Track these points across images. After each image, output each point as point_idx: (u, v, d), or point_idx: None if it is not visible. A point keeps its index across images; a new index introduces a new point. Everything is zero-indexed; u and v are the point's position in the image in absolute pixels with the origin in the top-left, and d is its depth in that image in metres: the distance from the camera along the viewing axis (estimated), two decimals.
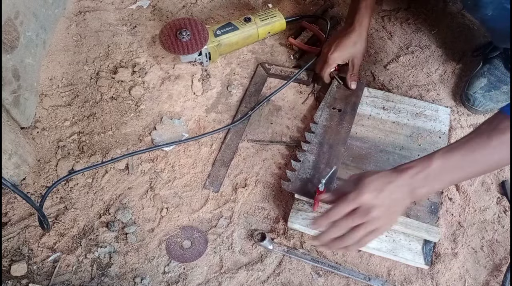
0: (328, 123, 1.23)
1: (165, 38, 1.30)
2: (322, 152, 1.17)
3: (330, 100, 1.28)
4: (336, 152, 1.17)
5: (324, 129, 1.22)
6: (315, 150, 1.18)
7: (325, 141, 1.19)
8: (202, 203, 1.17)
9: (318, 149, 1.18)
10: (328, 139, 1.20)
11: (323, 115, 1.24)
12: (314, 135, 1.21)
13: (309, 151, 1.18)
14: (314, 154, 1.17)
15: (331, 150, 1.17)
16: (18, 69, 1.20)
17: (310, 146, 1.19)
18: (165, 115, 1.30)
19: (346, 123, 1.23)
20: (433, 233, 1.05)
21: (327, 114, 1.25)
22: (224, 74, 1.39)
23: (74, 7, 1.51)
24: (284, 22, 1.43)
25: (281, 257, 1.09)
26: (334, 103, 1.27)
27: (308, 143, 1.19)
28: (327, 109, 1.26)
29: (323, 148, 1.18)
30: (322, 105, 1.26)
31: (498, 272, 1.07)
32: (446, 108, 1.28)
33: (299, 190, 1.10)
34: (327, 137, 1.20)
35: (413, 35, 1.46)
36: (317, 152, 1.17)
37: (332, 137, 1.20)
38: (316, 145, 1.19)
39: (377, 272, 1.07)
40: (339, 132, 1.21)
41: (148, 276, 1.06)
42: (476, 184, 1.18)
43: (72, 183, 1.18)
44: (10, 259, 1.07)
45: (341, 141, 1.19)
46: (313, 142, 1.19)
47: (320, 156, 1.17)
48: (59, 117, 1.29)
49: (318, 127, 1.22)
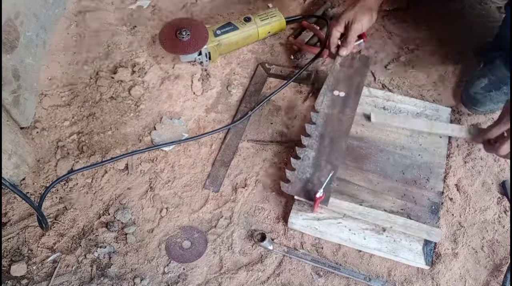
0: (330, 111, 1.17)
1: (165, 38, 1.30)
2: (322, 147, 1.13)
3: (332, 82, 1.21)
4: (337, 146, 1.13)
5: (326, 118, 1.17)
6: (316, 144, 1.13)
7: (326, 134, 1.14)
8: (202, 203, 1.16)
9: (319, 144, 1.13)
10: (330, 132, 1.15)
11: (325, 101, 1.19)
12: (315, 127, 1.16)
13: (309, 146, 1.13)
14: (315, 149, 1.13)
15: (332, 144, 1.13)
16: (18, 69, 1.20)
17: (310, 139, 1.14)
18: (164, 115, 1.30)
19: (348, 110, 1.18)
20: (433, 235, 1.05)
21: (329, 100, 1.19)
22: (224, 74, 1.39)
23: (74, 7, 1.51)
24: (284, 22, 1.43)
25: (281, 257, 1.09)
26: (337, 86, 1.21)
27: (308, 137, 1.15)
28: (329, 94, 1.20)
29: (324, 142, 1.13)
30: (324, 89, 1.21)
31: (498, 272, 1.07)
32: (447, 108, 1.28)
33: (299, 192, 1.08)
34: (328, 128, 1.15)
35: (413, 35, 1.46)
36: (317, 147, 1.13)
37: (333, 128, 1.15)
38: (317, 138, 1.14)
39: (378, 272, 1.07)
40: (342, 122, 1.16)
41: (148, 276, 1.06)
42: (476, 184, 1.18)
43: (71, 183, 1.18)
44: (10, 259, 1.07)
45: (343, 134, 1.14)
46: (313, 135, 1.15)
47: (321, 151, 1.12)
48: (59, 117, 1.28)
49: (319, 117, 1.17)
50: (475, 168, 1.20)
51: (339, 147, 1.13)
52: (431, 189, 1.14)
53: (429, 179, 1.16)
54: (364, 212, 1.07)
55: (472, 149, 1.23)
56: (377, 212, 1.07)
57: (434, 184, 1.15)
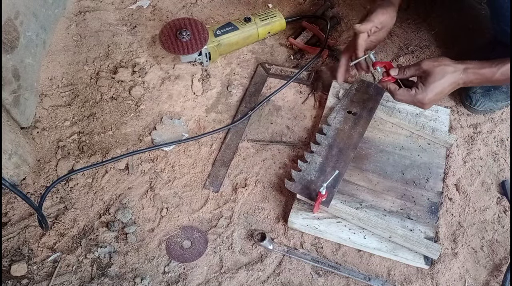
0: (341, 126, 1.21)
1: (165, 38, 1.30)
2: (330, 155, 1.16)
3: (346, 102, 1.25)
4: (344, 156, 1.15)
5: (336, 132, 1.20)
6: (324, 152, 1.16)
7: (335, 145, 1.17)
8: (202, 203, 1.17)
9: (327, 152, 1.16)
10: (339, 143, 1.18)
11: (338, 117, 1.22)
12: (325, 137, 1.19)
13: (317, 153, 1.16)
14: (322, 156, 1.15)
15: (340, 153, 1.16)
16: (18, 69, 1.20)
17: (319, 147, 1.17)
18: (165, 115, 1.30)
19: (360, 128, 1.21)
20: (432, 250, 1.05)
21: (341, 117, 1.22)
22: (224, 74, 1.39)
23: (74, 7, 1.51)
24: (284, 22, 1.43)
25: (281, 257, 1.09)
26: (351, 107, 1.24)
27: (317, 144, 1.18)
28: (342, 112, 1.23)
29: (332, 151, 1.16)
30: (338, 107, 1.24)
31: (498, 272, 1.07)
32: (446, 109, 1.28)
33: (302, 191, 1.10)
34: (338, 140, 1.18)
35: (413, 35, 1.46)
36: (325, 155, 1.16)
37: (343, 141, 1.18)
38: (326, 147, 1.17)
39: (377, 272, 1.07)
40: (351, 137, 1.19)
41: (148, 276, 1.06)
42: (476, 184, 1.18)
43: (72, 183, 1.18)
44: (10, 259, 1.07)
45: (352, 146, 1.17)
46: (323, 144, 1.18)
47: (328, 158, 1.15)
48: (59, 117, 1.29)
49: (330, 130, 1.20)
50: (474, 168, 1.20)
51: (347, 157, 1.15)
52: (430, 189, 1.15)
53: (429, 179, 1.16)
54: (365, 218, 1.08)
55: (472, 149, 1.23)
56: (376, 219, 1.08)
57: (434, 184, 1.15)
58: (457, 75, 1.07)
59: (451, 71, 1.07)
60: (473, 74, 1.07)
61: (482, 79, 1.07)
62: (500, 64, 1.05)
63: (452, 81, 1.07)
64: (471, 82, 1.08)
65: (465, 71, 1.07)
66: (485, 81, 1.08)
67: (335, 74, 1.23)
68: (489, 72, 1.05)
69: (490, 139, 1.25)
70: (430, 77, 1.07)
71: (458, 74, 1.07)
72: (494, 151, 1.23)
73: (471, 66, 1.07)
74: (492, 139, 1.25)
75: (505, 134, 1.26)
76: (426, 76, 1.08)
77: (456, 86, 1.09)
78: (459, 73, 1.07)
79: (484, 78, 1.07)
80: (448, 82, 1.07)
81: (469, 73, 1.07)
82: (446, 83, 1.07)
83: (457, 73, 1.07)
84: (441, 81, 1.07)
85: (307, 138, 1.25)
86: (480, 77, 1.07)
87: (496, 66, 1.05)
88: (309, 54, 1.41)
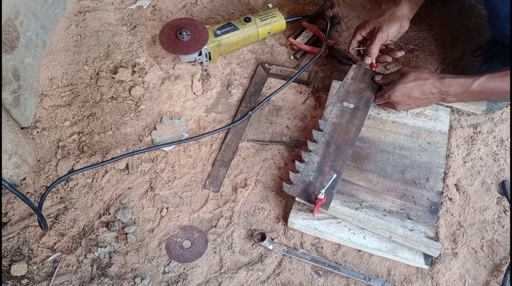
0: (338, 120, 1.18)
1: (165, 38, 1.30)
2: (328, 153, 1.14)
3: (342, 93, 1.22)
4: (342, 153, 1.14)
5: (333, 127, 1.17)
6: (321, 150, 1.14)
7: (333, 141, 1.16)
8: (202, 203, 1.17)
9: (324, 150, 1.14)
10: (336, 139, 1.16)
11: (334, 111, 1.20)
12: (322, 133, 1.17)
13: (314, 151, 1.14)
14: (320, 154, 1.14)
15: (337, 151, 1.14)
16: (18, 69, 1.20)
17: (316, 145, 1.15)
18: (165, 115, 1.30)
19: (357, 121, 1.18)
20: (432, 248, 1.05)
21: (338, 110, 1.20)
22: (224, 74, 1.39)
23: (74, 7, 1.51)
24: (284, 22, 1.43)
25: (281, 257, 1.09)
26: (347, 97, 1.22)
27: (314, 142, 1.16)
28: (338, 104, 1.21)
29: (329, 149, 1.15)
30: (334, 99, 1.21)
31: (498, 272, 1.07)
32: (446, 108, 1.28)
33: (301, 194, 1.09)
34: (335, 136, 1.16)
35: (413, 35, 1.46)
36: (323, 153, 1.14)
37: (340, 137, 1.16)
38: (323, 144, 1.15)
39: (377, 272, 1.07)
40: (349, 132, 1.17)
41: (148, 276, 1.06)
42: (476, 184, 1.18)
43: (72, 183, 1.18)
44: (10, 259, 1.07)
45: (350, 142, 1.15)
46: (320, 141, 1.16)
47: (326, 157, 1.13)
48: (59, 117, 1.29)
49: (327, 125, 1.18)
50: (474, 167, 1.20)
51: (345, 155, 1.14)
52: (430, 189, 1.15)
53: (429, 178, 1.16)
54: (364, 219, 1.08)
55: (472, 149, 1.23)
56: (376, 220, 1.08)
57: (434, 184, 1.15)
58: (430, 82, 1.09)
59: (424, 78, 1.10)
60: (449, 83, 1.08)
61: (458, 89, 1.08)
62: (477, 75, 1.07)
63: (425, 89, 1.10)
64: (447, 93, 1.10)
65: (441, 79, 1.09)
66: (462, 93, 1.09)
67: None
68: (465, 82, 1.07)
69: (490, 139, 1.25)
70: (403, 78, 1.12)
71: (432, 81, 1.09)
72: (494, 151, 1.23)
73: (448, 76, 1.10)
74: (492, 139, 1.25)
75: (505, 135, 1.26)
76: (399, 77, 1.14)
77: (430, 95, 1.11)
78: (433, 81, 1.09)
79: (461, 88, 1.08)
80: (419, 87, 1.10)
81: (445, 82, 1.08)
82: (417, 88, 1.10)
83: (431, 80, 1.09)
84: (411, 83, 1.10)
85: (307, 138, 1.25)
86: (457, 87, 1.08)
87: (473, 77, 1.06)
88: (309, 54, 1.41)
